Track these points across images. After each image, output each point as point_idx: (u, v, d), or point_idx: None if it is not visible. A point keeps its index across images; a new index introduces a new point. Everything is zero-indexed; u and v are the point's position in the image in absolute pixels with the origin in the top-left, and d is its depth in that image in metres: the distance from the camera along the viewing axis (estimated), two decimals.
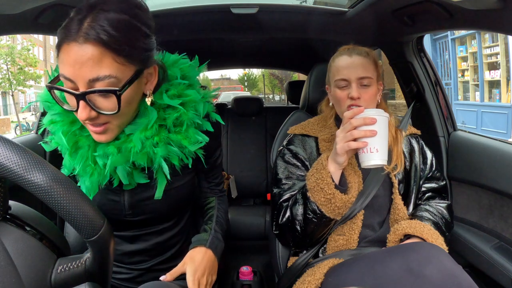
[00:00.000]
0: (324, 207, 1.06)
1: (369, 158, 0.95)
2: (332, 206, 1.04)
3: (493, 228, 1.41)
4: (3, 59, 16.07)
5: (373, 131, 0.93)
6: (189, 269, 0.91)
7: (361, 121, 0.94)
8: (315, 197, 1.06)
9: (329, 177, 1.03)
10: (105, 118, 0.79)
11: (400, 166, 1.21)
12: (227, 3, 1.57)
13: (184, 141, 0.90)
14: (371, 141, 0.94)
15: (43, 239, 0.60)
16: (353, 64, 1.17)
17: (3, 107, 23.87)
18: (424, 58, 1.67)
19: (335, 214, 1.07)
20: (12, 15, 1.04)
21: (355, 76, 1.15)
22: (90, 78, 0.72)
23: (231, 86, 36.51)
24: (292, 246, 1.27)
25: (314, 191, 1.06)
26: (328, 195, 1.03)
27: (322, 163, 1.06)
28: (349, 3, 1.60)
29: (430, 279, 0.85)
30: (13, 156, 0.50)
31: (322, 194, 1.04)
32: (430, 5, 1.19)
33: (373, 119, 0.94)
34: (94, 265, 0.61)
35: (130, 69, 0.77)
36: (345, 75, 1.17)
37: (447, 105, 1.68)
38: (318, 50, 2.13)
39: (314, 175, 1.06)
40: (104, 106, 0.77)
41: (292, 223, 1.14)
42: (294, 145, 1.26)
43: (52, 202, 0.52)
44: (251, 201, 2.92)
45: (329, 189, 1.03)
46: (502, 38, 8.58)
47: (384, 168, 1.17)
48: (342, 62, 1.19)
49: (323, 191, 1.03)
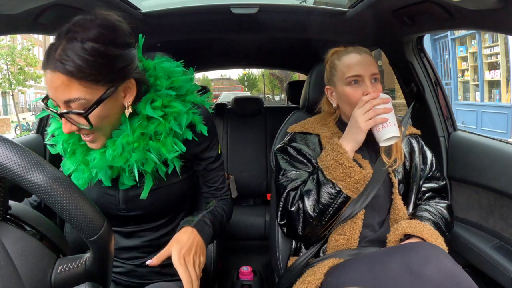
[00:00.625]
0: (342, 183, 1.08)
1: (389, 131, 1.06)
2: (350, 181, 1.07)
3: (493, 228, 1.41)
4: (3, 59, 16.06)
5: (390, 108, 1.08)
6: (174, 249, 0.89)
7: (380, 100, 1.07)
8: (332, 173, 1.08)
9: (346, 152, 1.09)
10: (87, 131, 0.88)
11: (399, 161, 1.21)
12: (227, 3, 1.57)
13: (162, 149, 0.95)
14: (390, 116, 1.07)
15: (43, 239, 0.60)
16: (365, 60, 1.18)
17: (3, 107, 23.87)
18: (424, 58, 1.68)
19: (352, 190, 1.09)
20: (12, 15, 1.04)
21: (369, 72, 1.16)
22: (63, 100, 0.81)
23: (231, 86, 36.56)
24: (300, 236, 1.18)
25: (331, 168, 1.09)
26: (348, 168, 1.07)
27: (336, 143, 1.11)
28: (349, 3, 1.60)
29: (430, 279, 0.85)
30: (13, 156, 0.50)
31: (341, 169, 1.07)
32: (430, 5, 1.19)
33: (388, 99, 1.09)
34: (94, 265, 0.61)
35: (99, 89, 0.83)
36: (359, 71, 1.16)
37: (447, 105, 1.68)
38: (318, 50, 2.12)
39: (330, 154, 1.10)
40: (81, 122, 0.85)
41: (304, 208, 1.12)
42: (297, 142, 1.26)
43: (52, 202, 0.52)
44: (251, 201, 2.93)
45: (349, 163, 1.07)
46: (502, 38, 8.57)
47: (385, 162, 1.18)
48: (353, 59, 1.19)
49: (342, 165, 1.07)
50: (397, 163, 1.21)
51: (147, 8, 1.61)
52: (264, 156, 2.93)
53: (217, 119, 3.05)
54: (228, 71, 56.99)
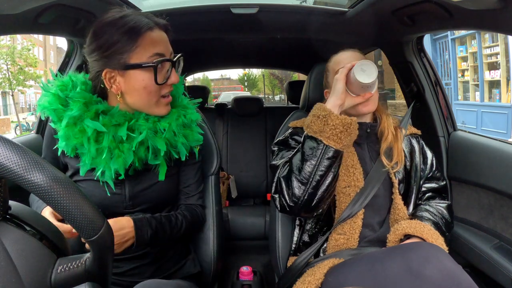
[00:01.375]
0: (322, 134, 1.04)
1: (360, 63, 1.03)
2: (328, 128, 1.02)
3: (493, 228, 1.41)
4: (3, 59, 16.06)
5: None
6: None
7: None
8: (312, 128, 1.06)
9: (323, 105, 1.07)
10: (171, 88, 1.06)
11: (400, 164, 1.21)
12: (227, 3, 1.57)
13: (190, 136, 1.11)
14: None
15: (43, 239, 0.60)
16: (355, 54, 1.25)
17: (3, 107, 23.87)
18: (424, 58, 1.67)
19: (333, 139, 1.03)
20: (12, 15, 1.04)
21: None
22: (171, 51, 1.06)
23: (231, 86, 36.55)
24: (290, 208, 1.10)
25: (311, 125, 1.06)
26: (324, 117, 1.03)
27: (318, 104, 1.09)
28: (349, 3, 1.60)
29: (430, 279, 0.85)
30: (13, 156, 0.50)
31: (318, 121, 1.04)
32: (430, 5, 1.19)
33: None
34: (94, 265, 0.61)
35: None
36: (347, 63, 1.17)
37: (447, 105, 1.68)
38: (318, 50, 2.13)
39: (311, 114, 1.09)
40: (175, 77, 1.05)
41: (291, 172, 1.08)
42: (298, 135, 1.25)
43: (52, 202, 0.52)
44: (251, 201, 2.93)
45: (324, 111, 1.04)
46: (502, 38, 8.57)
47: (385, 165, 1.18)
48: (342, 55, 1.26)
49: (319, 118, 1.04)
50: (398, 166, 1.21)
51: (147, 8, 1.61)
52: (264, 156, 2.93)
53: (217, 119, 3.05)
54: (228, 71, 56.98)
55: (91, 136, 0.96)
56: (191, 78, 8.46)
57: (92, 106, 0.99)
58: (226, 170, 2.86)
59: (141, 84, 0.98)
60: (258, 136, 2.98)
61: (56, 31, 1.36)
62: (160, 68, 0.99)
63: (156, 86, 0.99)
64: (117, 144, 0.98)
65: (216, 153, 1.39)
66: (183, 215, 1.15)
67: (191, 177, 1.20)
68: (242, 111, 3.04)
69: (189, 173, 1.20)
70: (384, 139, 1.22)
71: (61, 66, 1.64)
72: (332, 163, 1.04)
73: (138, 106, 1.02)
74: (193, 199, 1.21)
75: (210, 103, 4.36)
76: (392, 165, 1.19)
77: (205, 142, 1.34)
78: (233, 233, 2.46)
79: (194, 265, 1.25)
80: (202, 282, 1.31)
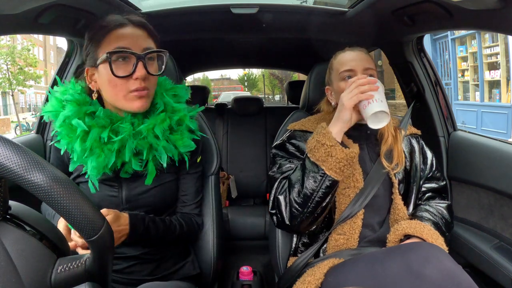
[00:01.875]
0: (324, 164, 1.05)
1: (374, 106, 1.04)
2: (333, 160, 1.04)
3: (493, 228, 1.41)
4: (3, 59, 16.06)
5: (376, 86, 1.06)
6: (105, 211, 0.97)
7: (365, 80, 1.07)
8: (315, 155, 1.06)
9: (329, 132, 1.07)
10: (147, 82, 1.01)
11: (401, 165, 1.21)
12: (227, 3, 1.57)
13: (179, 142, 1.07)
14: (376, 94, 1.05)
15: (43, 239, 0.60)
16: (358, 56, 1.22)
17: (3, 107, 23.86)
18: (424, 58, 1.67)
19: (336, 171, 1.04)
20: (12, 15, 1.04)
21: (362, 67, 1.18)
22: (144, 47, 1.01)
23: (231, 86, 36.55)
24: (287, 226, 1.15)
25: (315, 150, 1.06)
26: (329, 147, 1.04)
27: (322, 126, 1.09)
28: (349, 3, 1.60)
29: (430, 279, 0.85)
30: (13, 156, 0.50)
31: (323, 149, 1.04)
32: (430, 5, 1.19)
33: (376, 80, 1.09)
34: (94, 265, 0.61)
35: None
36: (351, 66, 1.19)
37: (447, 105, 1.68)
38: (318, 50, 2.13)
39: (314, 137, 1.08)
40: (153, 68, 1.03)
41: (290, 195, 1.11)
42: (296, 139, 1.26)
43: (52, 202, 0.52)
44: (251, 201, 2.93)
45: (330, 142, 1.04)
46: (502, 38, 8.56)
47: (385, 166, 1.18)
48: (347, 56, 1.23)
49: (324, 146, 1.04)
50: (398, 167, 1.21)
51: (147, 8, 1.61)
52: (264, 156, 2.93)
53: (217, 119, 3.05)
54: (228, 71, 56.97)
55: (79, 135, 0.99)
56: (191, 78, 8.47)
57: (83, 107, 1.02)
58: (226, 170, 2.86)
59: (105, 78, 1.00)
60: (258, 136, 2.98)
61: (56, 31, 1.36)
62: (121, 62, 0.99)
63: (120, 80, 0.98)
64: (100, 144, 1.00)
65: (216, 153, 1.39)
66: (179, 222, 1.15)
67: (189, 186, 1.20)
68: (242, 111, 3.04)
69: (188, 181, 1.20)
70: (384, 141, 1.21)
71: (61, 66, 1.64)
72: (330, 191, 1.08)
73: (110, 101, 1.04)
74: (189, 208, 1.21)
75: (210, 103, 4.36)
76: (392, 166, 1.19)
77: (205, 142, 1.34)
78: (233, 233, 2.46)
79: (193, 267, 1.25)
80: (202, 282, 1.31)
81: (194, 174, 1.21)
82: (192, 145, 1.11)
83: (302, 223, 1.12)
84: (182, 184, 1.19)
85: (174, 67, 1.39)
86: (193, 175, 1.20)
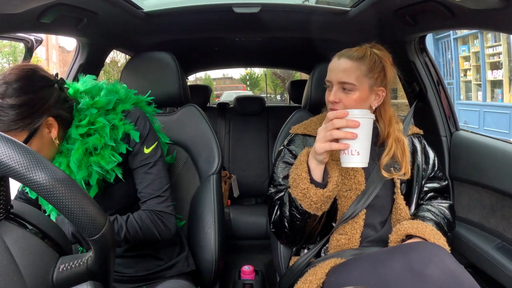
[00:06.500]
0: (303, 203, 1.04)
1: (349, 160, 0.93)
2: (308, 201, 1.03)
3: (495, 228, 1.40)
4: (5, 58, 16.11)
5: (354, 133, 0.91)
6: None
7: (343, 123, 0.91)
8: (293, 192, 1.06)
9: (304, 171, 1.02)
10: None
11: (408, 175, 1.20)
12: (229, 3, 1.57)
13: (102, 162, 1.04)
14: (353, 144, 0.92)
15: (45, 238, 0.60)
16: (338, 67, 1.16)
17: None
18: (426, 57, 1.67)
19: (313, 209, 1.04)
20: (14, 14, 1.04)
21: (336, 80, 1.15)
22: None
23: (233, 86, 36.48)
24: (286, 243, 1.27)
25: (293, 187, 1.06)
26: (303, 190, 1.02)
27: (300, 158, 1.06)
28: (351, 3, 1.59)
29: (432, 278, 0.85)
30: (15, 155, 0.50)
31: (298, 190, 1.03)
32: (432, 4, 1.19)
33: (357, 123, 0.91)
34: (96, 264, 0.61)
35: (23, 134, 0.93)
36: (329, 76, 1.19)
37: (449, 104, 1.68)
38: (320, 49, 2.12)
39: (293, 171, 1.06)
40: None
41: (281, 220, 1.13)
42: (294, 145, 1.25)
43: (54, 201, 0.52)
44: (253, 201, 2.93)
45: (304, 184, 1.02)
46: (504, 38, 8.53)
47: (391, 172, 1.17)
48: (331, 64, 1.20)
49: (298, 186, 1.03)
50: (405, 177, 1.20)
51: (149, 7, 1.61)
52: (266, 155, 2.93)
53: (219, 119, 3.06)
54: (230, 71, 56.80)
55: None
56: (193, 78, 8.46)
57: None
58: (228, 169, 2.87)
59: None
60: (260, 135, 2.98)
61: (59, 30, 1.36)
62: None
63: None
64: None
65: (217, 152, 1.39)
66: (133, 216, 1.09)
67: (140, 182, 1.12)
68: (244, 110, 3.04)
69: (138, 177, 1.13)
70: (386, 152, 1.18)
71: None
72: (316, 219, 1.09)
73: None
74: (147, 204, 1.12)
75: (212, 102, 4.36)
76: (398, 175, 1.18)
77: (206, 142, 1.34)
78: (235, 232, 2.46)
79: (187, 264, 1.25)
80: (203, 281, 1.31)
81: (143, 167, 1.12)
82: (118, 158, 1.06)
83: (301, 240, 1.18)
84: (136, 180, 1.13)
85: (176, 66, 1.39)
86: (142, 168, 1.12)
